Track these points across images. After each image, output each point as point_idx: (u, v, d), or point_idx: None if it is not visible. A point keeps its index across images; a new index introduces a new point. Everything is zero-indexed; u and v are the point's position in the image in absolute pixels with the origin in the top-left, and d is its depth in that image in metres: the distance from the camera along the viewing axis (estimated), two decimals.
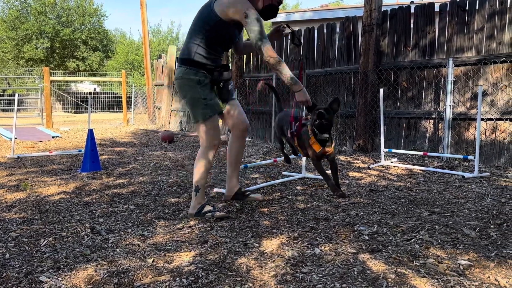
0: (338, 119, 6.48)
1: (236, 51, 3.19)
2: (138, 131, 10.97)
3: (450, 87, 4.95)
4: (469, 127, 5.06)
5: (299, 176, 4.32)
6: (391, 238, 2.39)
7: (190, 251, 2.25)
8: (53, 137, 9.14)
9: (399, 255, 2.13)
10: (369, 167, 4.79)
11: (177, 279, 1.90)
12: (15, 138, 6.49)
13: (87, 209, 3.19)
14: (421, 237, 2.38)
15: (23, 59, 26.96)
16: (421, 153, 5.06)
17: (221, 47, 2.83)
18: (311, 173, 4.46)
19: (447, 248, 2.21)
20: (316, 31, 7.03)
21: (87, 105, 6.91)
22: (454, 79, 5.03)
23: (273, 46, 7.79)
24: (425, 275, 1.89)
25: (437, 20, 5.43)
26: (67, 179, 4.36)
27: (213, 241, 2.39)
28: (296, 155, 3.91)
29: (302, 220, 2.77)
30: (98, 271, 2.01)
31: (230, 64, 8.94)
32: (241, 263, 2.07)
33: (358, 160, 5.40)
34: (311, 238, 2.42)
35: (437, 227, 2.55)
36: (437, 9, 5.44)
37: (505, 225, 2.59)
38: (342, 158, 5.57)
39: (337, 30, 6.65)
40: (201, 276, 1.93)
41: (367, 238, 2.40)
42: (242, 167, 3.87)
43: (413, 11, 5.64)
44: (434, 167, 4.64)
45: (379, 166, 4.87)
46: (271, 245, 2.32)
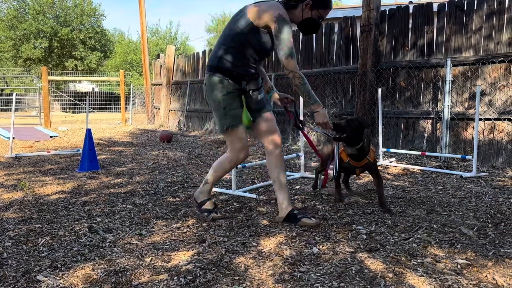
0: (336, 118, 6.48)
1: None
2: (136, 131, 10.96)
3: (448, 87, 4.95)
4: (467, 127, 5.06)
5: (297, 175, 4.32)
6: (389, 237, 2.39)
7: (188, 251, 2.25)
8: (51, 137, 9.12)
9: (397, 254, 2.13)
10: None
11: (175, 278, 1.90)
12: (13, 137, 6.48)
13: (85, 208, 3.18)
14: (419, 236, 2.38)
15: (21, 58, 26.89)
16: (419, 153, 5.06)
17: (251, 55, 2.60)
18: (309, 172, 4.46)
19: (445, 247, 2.21)
20: None
21: (85, 105, 6.90)
22: (452, 79, 5.04)
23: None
24: (423, 274, 1.89)
25: (435, 20, 5.44)
26: (65, 179, 4.35)
27: (211, 241, 2.39)
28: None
29: None
30: (95, 270, 2.00)
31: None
32: (239, 262, 2.07)
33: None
34: (309, 237, 2.42)
35: (435, 226, 2.56)
36: (435, 9, 5.45)
37: (503, 224, 2.59)
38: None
39: (336, 30, 6.66)
40: (199, 275, 1.93)
41: (365, 237, 2.40)
42: (240, 166, 3.86)
43: (411, 11, 5.65)
44: (432, 167, 4.64)
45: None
46: (269, 244, 2.32)
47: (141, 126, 12.78)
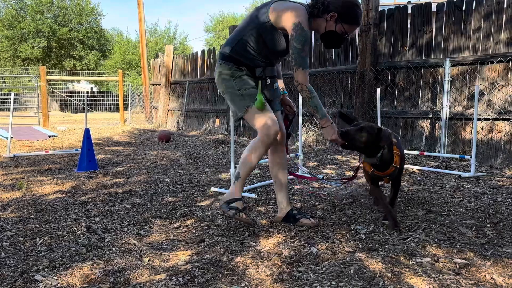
0: (335, 118, 6.48)
1: None
2: (135, 131, 10.95)
3: (447, 86, 4.96)
4: (466, 126, 5.07)
5: None
6: (387, 237, 2.39)
7: (186, 250, 2.24)
8: (50, 137, 9.11)
9: (395, 254, 2.13)
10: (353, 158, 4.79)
11: (174, 278, 1.90)
12: (11, 137, 6.46)
13: (83, 208, 3.18)
14: (417, 236, 2.38)
15: (19, 58, 26.86)
16: (418, 153, 5.07)
17: (263, 51, 2.51)
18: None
19: (443, 247, 2.21)
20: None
21: (84, 105, 6.89)
22: (451, 79, 5.04)
23: None
24: (421, 273, 1.89)
25: (434, 20, 5.44)
26: (63, 178, 4.34)
27: (210, 240, 2.39)
28: None
29: None
30: (94, 270, 2.00)
31: None
32: (238, 262, 2.07)
33: (355, 159, 5.40)
34: (308, 237, 2.42)
35: (433, 226, 2.56)
36: (434, 9, 5.45)
37: (501, 224, 2.59)
38: (339, 157, 5.57)
39: None
40: (197, 275, 1.93)
41: (363, 237, 2.40)
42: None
43: (410, 11, 5.65)
44: (431, 167, 4.65)
45: None
46: (267, 244, 2.32)
47: (140, 126, 12.77)
